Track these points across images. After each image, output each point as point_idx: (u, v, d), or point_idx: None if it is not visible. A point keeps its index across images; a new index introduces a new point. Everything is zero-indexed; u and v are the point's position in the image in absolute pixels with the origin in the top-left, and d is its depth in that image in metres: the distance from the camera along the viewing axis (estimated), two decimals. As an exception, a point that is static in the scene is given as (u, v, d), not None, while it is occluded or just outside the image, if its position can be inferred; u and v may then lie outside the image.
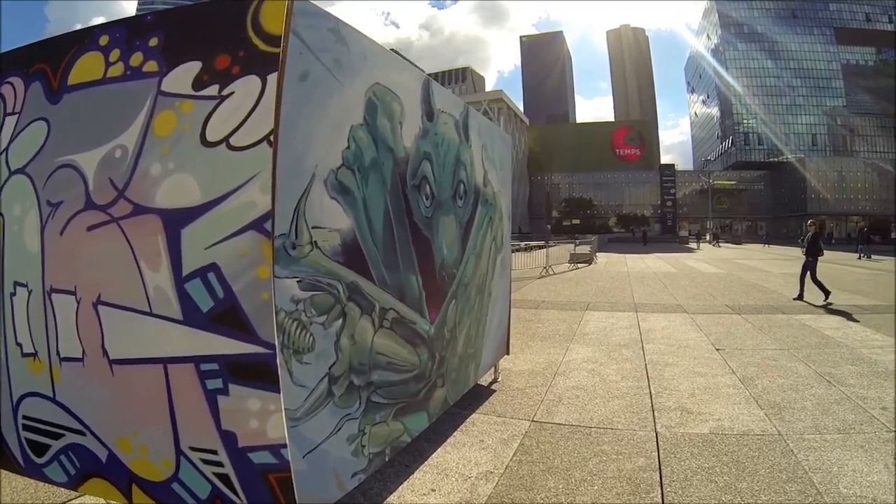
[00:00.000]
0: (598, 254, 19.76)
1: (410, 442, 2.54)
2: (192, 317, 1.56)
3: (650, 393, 3.70)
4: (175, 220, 1.56)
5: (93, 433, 1.77)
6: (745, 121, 72.10)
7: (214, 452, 1.60)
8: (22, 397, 1.85)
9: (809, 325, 6.28)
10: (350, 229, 1.85)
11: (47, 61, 1.85)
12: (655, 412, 3.30)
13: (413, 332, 2.44)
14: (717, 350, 5.02)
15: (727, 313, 7.23)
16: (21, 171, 1.83)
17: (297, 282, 1.60)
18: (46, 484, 1.92)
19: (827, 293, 7.94)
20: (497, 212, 3.83)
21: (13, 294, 1.87)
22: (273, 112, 1.43)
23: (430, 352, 2.66)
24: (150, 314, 1.62)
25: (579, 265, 15.85)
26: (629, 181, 75.51)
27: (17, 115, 1.84)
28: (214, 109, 1.53)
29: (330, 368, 1.78)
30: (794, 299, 8.26)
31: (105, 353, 1.69)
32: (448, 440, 2.94)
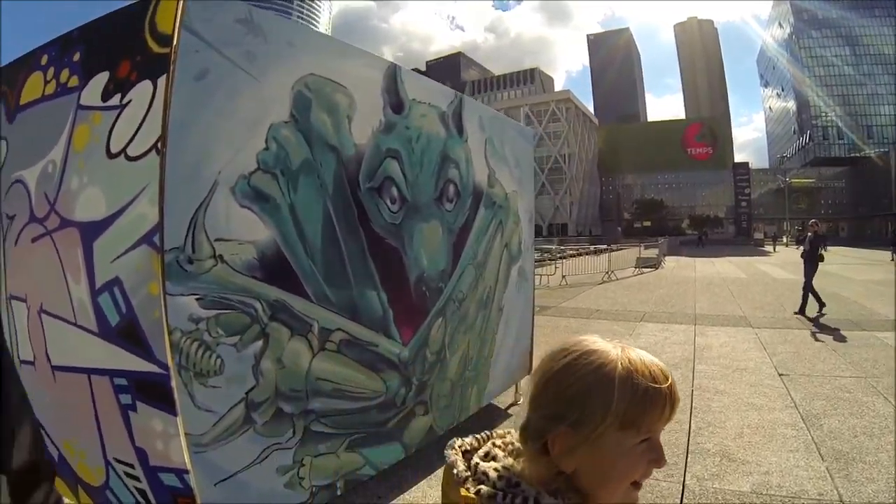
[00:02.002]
0: (666, 257, 18.89)
1: (389, 472, 2.46)
2: (105, 330, 1.66)
3: (689, 429, 3.27)
4: (89, 233, 1.67)
5: (47, 434, 1.93)
6: (822, 114, 71.36)
7: (132, 467, 1.68)
8: None
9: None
10: (271, 241, 1.83)
11: (8, 84, 2.07)
12: (690, 456, 2.89)
13: (374, 356, 2.36)
14: (781, 375, 4.49)
15: (797, 328, 6.76)
16: None
17: (197, 299, 1.60)
18: None
19: (822, 305, 7.62)
20: (510, 215, 3.63)
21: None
22: (166, 117, 1.44)
23: (402, 377, 2.56)
24: (76, 325, 1.73)
25: (644, 270, 15.25)
26: (701, 181, 76.34)
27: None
28: (116, 120, 1.60)
29: (247, 394, 1.77)
30: (794, 314, 7.79)
31: (48, 359, 1.84)
32: (436, 473, 2.80)
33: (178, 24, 1.51)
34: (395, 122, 2.45)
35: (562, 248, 22.75)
